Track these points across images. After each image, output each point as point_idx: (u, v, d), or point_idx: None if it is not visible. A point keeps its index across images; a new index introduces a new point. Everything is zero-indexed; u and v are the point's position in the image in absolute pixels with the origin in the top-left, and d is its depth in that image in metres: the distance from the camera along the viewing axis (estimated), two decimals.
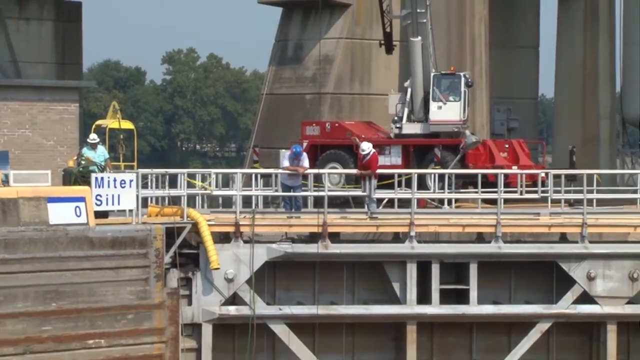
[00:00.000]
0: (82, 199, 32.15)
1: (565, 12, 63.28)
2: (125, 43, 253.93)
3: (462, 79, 45.71)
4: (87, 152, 36.74)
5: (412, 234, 34.24)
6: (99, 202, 32.68)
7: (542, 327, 34.41)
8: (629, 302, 34.56)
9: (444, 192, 40.08)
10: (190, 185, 36.28)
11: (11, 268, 30.12)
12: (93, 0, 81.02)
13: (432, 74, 45.49)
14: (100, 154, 36.61)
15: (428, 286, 34.24)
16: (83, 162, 36.31)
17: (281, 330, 33.57)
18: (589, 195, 37.35)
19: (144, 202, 34.36)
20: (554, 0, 64.27)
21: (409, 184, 38.25)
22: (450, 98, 45.15)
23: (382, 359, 34.71)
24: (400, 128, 45.82)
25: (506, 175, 39.61)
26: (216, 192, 37.15)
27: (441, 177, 40.86)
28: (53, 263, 30.71)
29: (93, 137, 38.37)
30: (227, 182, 39.59)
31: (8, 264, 30.10)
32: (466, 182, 41.90)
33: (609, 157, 58.47)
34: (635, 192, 43.02)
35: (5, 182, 33.09)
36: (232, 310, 33.24)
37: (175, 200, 35.25)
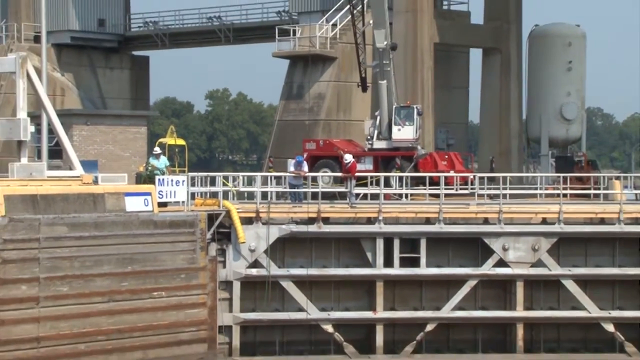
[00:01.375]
0: (149, 194, 32.48)
1: (487, 62, 63.31)
2: (179, 84, 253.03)
3: (415, 109, 46.02)
4: (152, 160, 36.89)
5: (380, 218, 34.28)
6: (160, 196, 33.09)
7: (471, 283, 34.41)
8: (532, 266, 34.57)
9: (402, 189, 40.36)
10: (224, 184, 36.51)
11: (99, 242, 30.29)
12: (158, 53, 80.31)
13: (394, 106, 45.68)
14: (162, 162, 36.71)
15: (391, 255, 34.24)
16: (149, 168, 36.51)
17: (288, 285, 33.66)
18: (504, 191, 37.44)
19: (192, 195, 34.40)
20: (479, 55, 64.20)
21: (378, 183, 38.30)
22: (407, 123, 45.40)
23: (358, 306, 34.52)
24: (372, 144, 46.08)
25: (446, 177, 39.62)
26: (242, 189, 37.14)
27: (400, 178, 41.20)
28: (128, 238, 30.95)
29: (157, 149, 38.46)
30: (250, 181, 39.55)
31: (97, 239, 30.30)
32: (418, 181, 41.84)
33: (518, 164, 58.58)
34: (536, 189, 43.32)
35: (95, 182, 33.46)
36: (254, 271, 33.32)
37: (214, 195, 35.40)
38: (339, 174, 39.98)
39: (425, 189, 39.65)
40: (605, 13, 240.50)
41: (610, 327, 34.86)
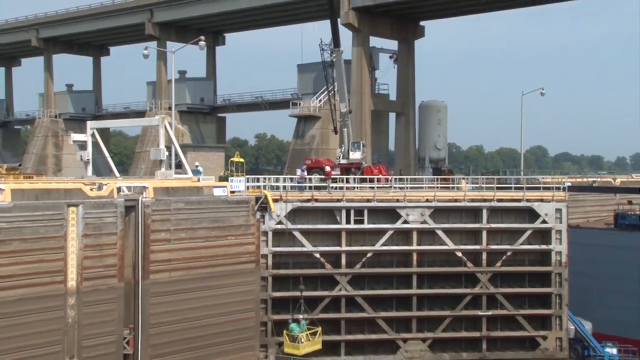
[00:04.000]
0: (225, 186, 32.24)
1: (398, 120, 62.87)
2: (241, 130, 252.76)
3: (361, 143, 45.72)
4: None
5: (344, 199, 34.14)
6: (231, 187, 32.67)
7: (390, 232, 34.34)
8: (421, 224, 34.51)
9: (355, 184, 39.77)
10: (263, 182, 36.39)
11: (200, 211, 30.28)
12: (230, 115, 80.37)
13: (350, 142, 45.41)
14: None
15: (349, 217, 34.12)
16: (225, 173, 36.56)
17: (297, 234, 33.47)
18: (408, 185, 37.48)
19: (247, 187, 34.06)
20: (394, 116, 63.87)
21: (343, 181, 38.34)
22: (357, 150, 45.07)
23: (333, 244, 34.15)
24: (339, 161, 45.75)
25: (377, 178, 39.48)
26: (272, 184, 36.76)
27: (354, 178, 40.77)
28: (215, 209, 30.85)
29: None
30: (277, 180, 39.23)
31: (199, 209, 30.27)
32: (363, 180, 41.45)
33: (413, 172, 58.32)
34: (422, 183, 42.93)
35: (198, 181, 33.14)
36: (279, 226, 33.02)
37: (258, 187, 34.89)
38: (323, 176, 39.86)
39: (367, 184, 39.40)
40: (457, 91, 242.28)
41: (459, 254, 35.02)
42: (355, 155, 45.35)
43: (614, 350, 35.69)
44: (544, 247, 35.52)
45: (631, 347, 36.50)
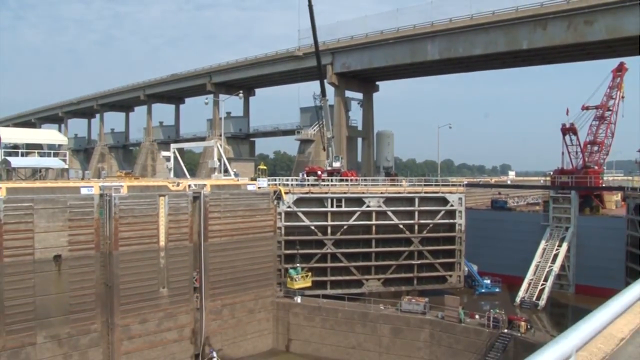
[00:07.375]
0: (254, 184, 31.66)
1: (364, 142, 61.99)
2: (265, 149, 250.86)
3: (340, 157, 44.84)
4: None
5: (329, 191, 33.78)
6: (259, 184, 32.04)
7: (357, 213, 33.86)
8: (377, 207, 34.10)
9: (336, 182, 39.11)
10: (279, 181, 35.80)
11: (239, 199, 29.56)
12: (258, 140, 79.04)
13: (333, 156, 44.80)
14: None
15: (333, 203, 33.69)
16: (255, 176, 35.88)
17: (300, 214, 33.00)
18: (369, 183, 37.20)
19: (268, 184, 33.61)
20: (360, 139, 62.98)
21: (329, 180, 37.82)
22: (338, 161, 44.36)
23: (322, 220, 33.68)
24: (326, 168, 44.99)
25: (350, 179, 39.07)
26: (284, 183, 36.30)
27: (336, 179, 40.21)
28: (248, 198, 30.13)
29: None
30: (287, 180, 38.67)
31: (238, 198, 29.55)
32: (341, 180, 40.85)
33: (373, 174, 56.80)
34: (377, 182, 42.64)
35: (237, 180, 32.54)
36: (289, 209, 32.59)
37: (275, 184, 34.37)
38: (316, 178, 39.33)
39: (344, 183, 38.76)
40: (400, 124, 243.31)
41: (401, 226, 34.77)
42: (337, 164, 44.49)
43: (488, 281, 37.61)
44: (451, 221, 35.74)
45: (498, 279, 37.82)
